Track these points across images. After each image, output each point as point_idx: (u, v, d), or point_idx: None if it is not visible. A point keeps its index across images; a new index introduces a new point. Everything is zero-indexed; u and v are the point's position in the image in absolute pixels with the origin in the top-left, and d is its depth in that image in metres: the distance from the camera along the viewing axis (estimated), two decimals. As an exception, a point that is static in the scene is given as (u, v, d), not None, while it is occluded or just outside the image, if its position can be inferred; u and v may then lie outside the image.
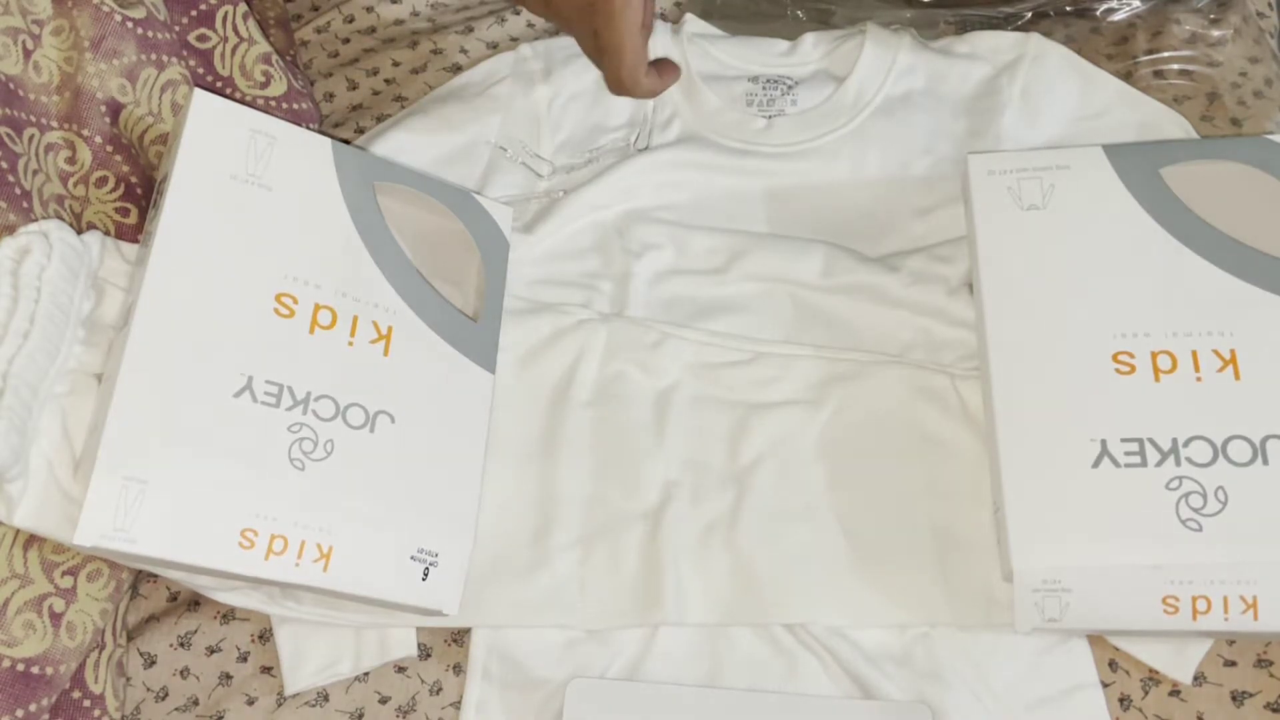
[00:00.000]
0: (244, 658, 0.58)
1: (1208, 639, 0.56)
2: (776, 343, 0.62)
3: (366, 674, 0.58)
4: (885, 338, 0.62)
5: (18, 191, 0.53)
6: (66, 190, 0.57)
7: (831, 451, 0.59)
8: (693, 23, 0.71)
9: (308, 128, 0.58)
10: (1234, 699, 0.55)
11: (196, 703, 0.58)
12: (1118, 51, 0.71)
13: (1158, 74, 0.70)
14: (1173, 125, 0.66)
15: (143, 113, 0.60)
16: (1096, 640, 0.56)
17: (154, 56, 0.60)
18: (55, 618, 0.51)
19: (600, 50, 0.56)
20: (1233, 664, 0.56)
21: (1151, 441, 0.53)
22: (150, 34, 0.60)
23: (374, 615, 0.56)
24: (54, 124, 0.57)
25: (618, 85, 0.57)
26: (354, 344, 0.55)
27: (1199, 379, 0.54)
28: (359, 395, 0.54)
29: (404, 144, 0.67)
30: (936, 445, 0.59)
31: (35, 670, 0.50)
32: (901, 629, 0.56)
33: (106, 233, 0.58)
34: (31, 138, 0.55)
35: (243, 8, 0.68)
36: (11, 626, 0.50)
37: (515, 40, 0.75)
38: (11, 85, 0.55)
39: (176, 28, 0.65)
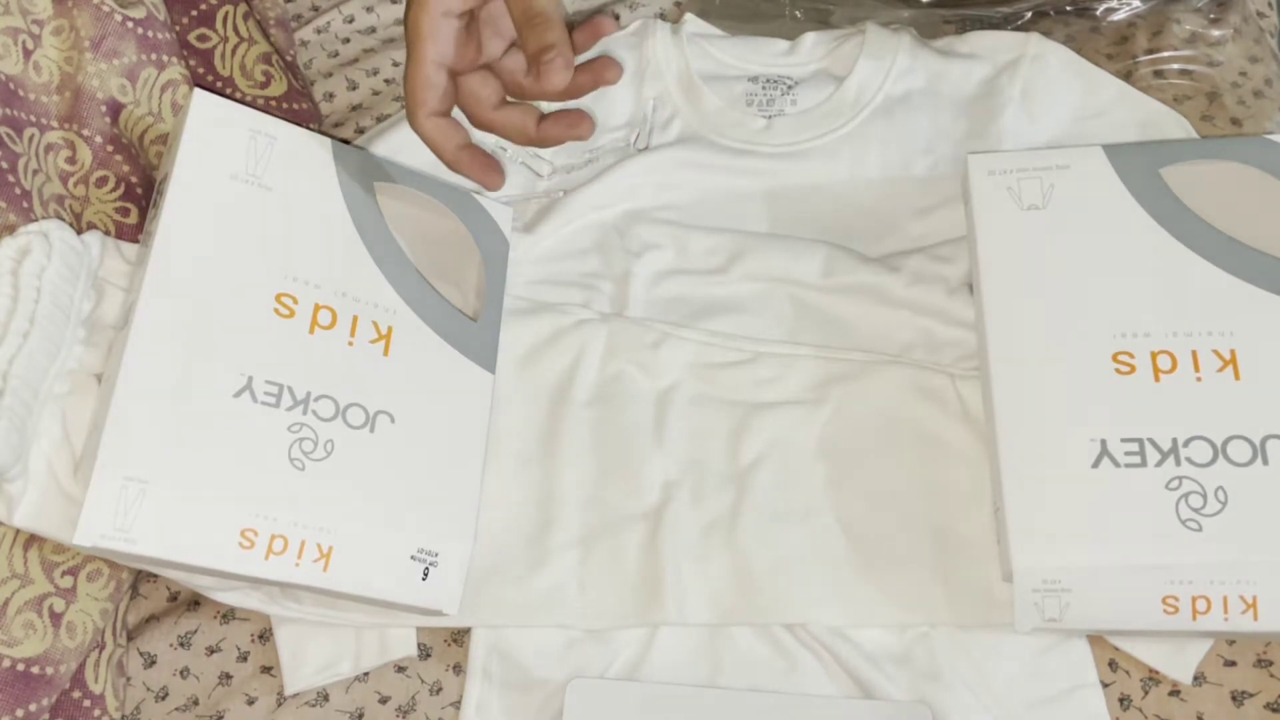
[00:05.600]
0: (244, 658, 0.59)
1: (1208, 639, 0.56)
2: (776, 343, 0.62)
3: (366, 674, 0.58)
4: (885, 338, 0.62)
5: (18, 191, 0.53)
6: (66, 190, 0.57)
7: (831, 451, 0.59)
8: (692, 23, 0.71)
9: (308, 128, 0.58)
10: (1234, 699, 0.55)
11: (196, 703, 0.58)
12: (1118, 51, 0.71)
13: (1158, 74, 0.70)
14: (1173, 125, 0.66)
15: (143, 113, 0.60)
16: (1096, 640, 0.56)
17: (154, 56, 0.60)
18: (55, 618, 0.51)
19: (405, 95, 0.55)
20: (1233, 664, 0.56)
21: (1151, 441, 0.53)
22: (150, 34, 0.60)
23: (374, 615, 0.56)
24: (54, 124, 0.57)
25: (419, 136, 0.55)
26: (354, 344, 0.55)
27: (1199, 379, 0.54)
28: (359, 395, 0.54)
29: (404, 144, 0.67)
30: (936, 445, 0.59)
31: (35, 670, 0.50)
32: (901, 629, 0.56)
33: (106, 233, 0.58)
34: (31, 138, 0.55)
35: (243, 8, 0.68)
36: (11, 626, 0.50)
37: (515, 40, 0.75)
38: (11, 85, 0.55)
39: (176, 28, 0.65)
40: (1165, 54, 0.70)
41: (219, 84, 0.66)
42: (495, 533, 0.58)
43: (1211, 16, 0.71)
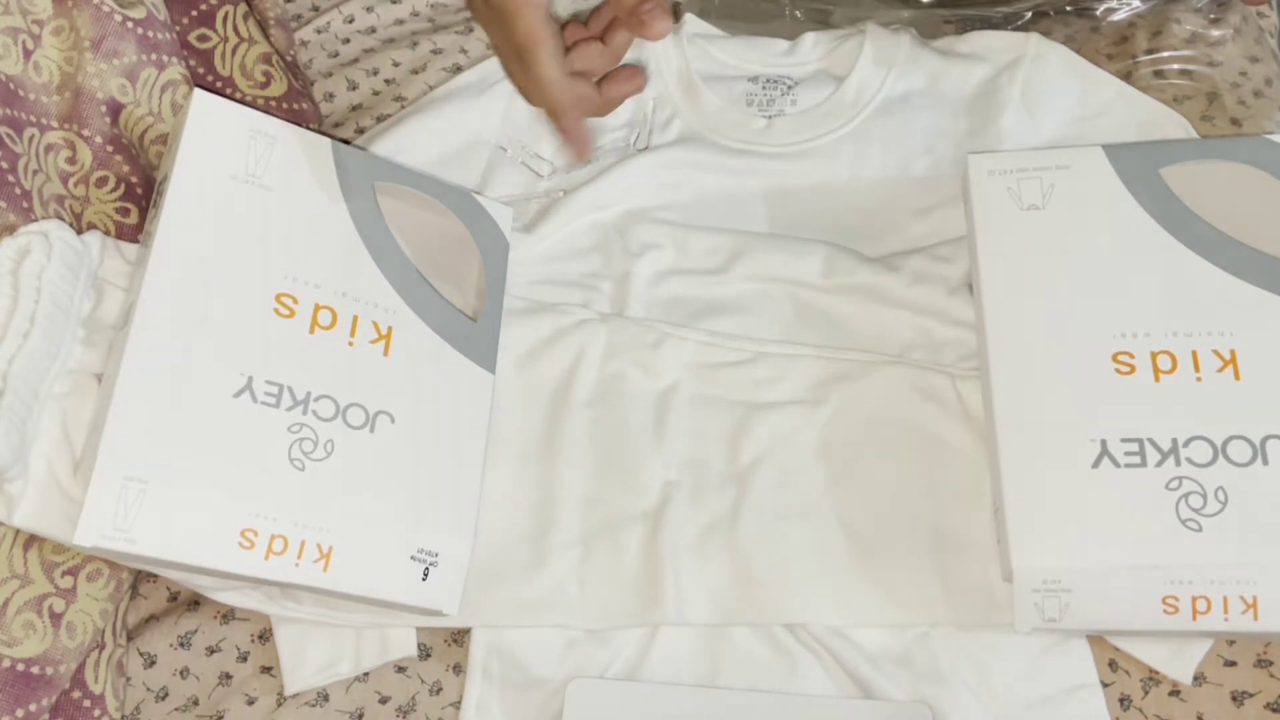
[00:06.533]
0: (244, 658, 0.59)
1: (1208, 639, 0.56)
2: (776, 343, 0.62)
3: (366, 674, 0.58)
4: (885, 338, 0.62)
5: (18, 191, 0.53)
6: (66, 190, 0.57)
7: (831, 451, 0.59)
8: (692, 22, 0.71)
9: (308, 128, 0.58)
10: (1234, 699, 0.55)
11: (196, 703, 0.58)
12: (1118, 51, 0.71)
13: (1158, 74, 0.70)
14: (1173, 125, 0.66)
15: (143, 113, 0.60)
16: (1096, 640, 0.56)
17: (154, 56, 0.60)
18: (55, 618, 0.51)
19: (516, 50, 0.51)
20: (1233, 664, 0.56)
21: (1151, 441, 0.53)
22: (150, 34, 0.60)
23: (374, 615, 0.56)
24: (54, 124, 0.57)
25: (537, 86, 0.51)
26: (354, 344, 0.55)
27: (1199, 379, 0.54)
28: (359, 395, 0.54)
29: (404, 144, 0.67)
30: (936, 445, 0.59)
31: (35, 670, 0.50)
32: (901, 629, 0.56)
33: (106, 233, 0.58)
34: (31, 138, 0.55)
35: (243, 8, 0.68)
36: (11, 626, 0.50)
37: (515, 40, 0.75)
38: (11, 85, 0.55)
39: (177, 28, 0.65)
40: (1165, 54, 0.70)
41: (219, 84, 0.66)
42: (495, 533, 0.58)
43: (1211, 16, 0.72)
